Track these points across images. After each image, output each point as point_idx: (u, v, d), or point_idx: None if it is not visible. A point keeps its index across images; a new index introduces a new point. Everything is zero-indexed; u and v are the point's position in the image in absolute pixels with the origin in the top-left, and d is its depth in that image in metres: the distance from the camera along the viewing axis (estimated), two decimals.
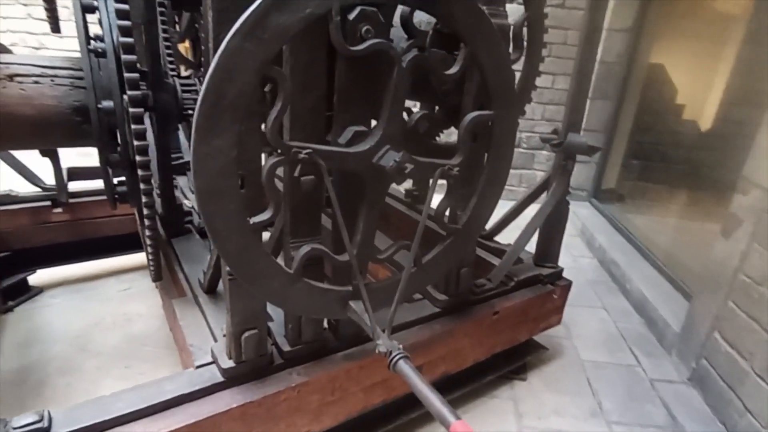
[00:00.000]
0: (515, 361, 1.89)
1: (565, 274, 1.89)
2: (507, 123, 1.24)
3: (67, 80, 1.40)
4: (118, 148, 1.39)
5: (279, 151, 0.91)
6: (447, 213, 1.32)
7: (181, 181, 2.24)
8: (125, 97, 1.22)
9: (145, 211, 1.21)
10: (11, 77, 1.33)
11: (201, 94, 0.80)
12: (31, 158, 1.92)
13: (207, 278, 1.41)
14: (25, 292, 2.27)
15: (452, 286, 1.50)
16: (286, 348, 1.22)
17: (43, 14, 3.75)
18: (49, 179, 2.25)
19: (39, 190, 2.26)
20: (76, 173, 2.15)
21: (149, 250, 1.31)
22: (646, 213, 3.36)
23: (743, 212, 1.78)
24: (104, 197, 2.32)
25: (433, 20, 1.25)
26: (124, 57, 1.05)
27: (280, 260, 1.06)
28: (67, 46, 3.89)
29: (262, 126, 0.95)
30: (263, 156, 1.02)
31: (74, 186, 2.23)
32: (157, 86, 1.50)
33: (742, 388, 1.68)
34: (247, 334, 1.11)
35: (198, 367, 1.18)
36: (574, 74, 1.63)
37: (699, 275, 2.07)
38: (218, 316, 1.35)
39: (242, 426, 1.13)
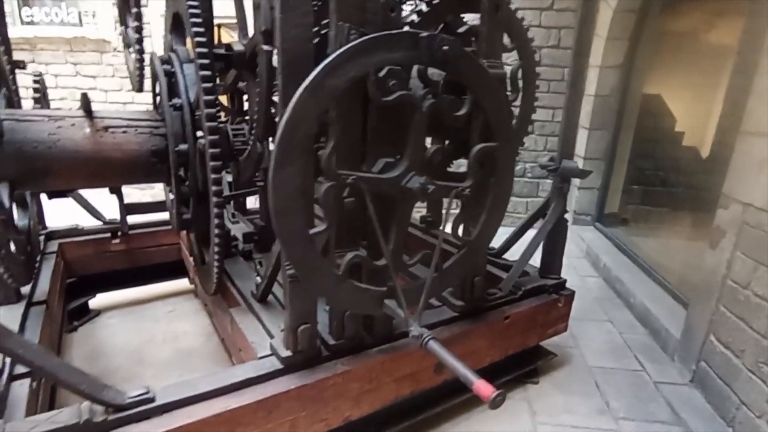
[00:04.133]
0: (527, 365, 2.09)
1: None
2: (507, 152, 1.52)
3: (147, 129, 1.73)
4: (187, 183, 1.70)
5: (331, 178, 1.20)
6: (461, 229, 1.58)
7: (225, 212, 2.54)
8: (200, 141, 1.53)
9: (216, 231, 1.49)
10: (106, 128, 1.67)
11: (278, 134, 1.10)
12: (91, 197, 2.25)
13: (261, 289, 1.67)
14: (86, 314, 2.55)
15: (467, 293, 1.74)
16: (331, 342, 1.46)
17: (90, 72, 4.22)
18: (108, 214, 2.58)
19: (100, 223, 2.58)
20: (134, 208, 2.48)
21: (216, 266, 1.58)
22: (647, 234, 3.57)
23: (725, 225, 2.01)
24: (155, 229, 2.66)
25: (443, 72, 1.56)
26: (206, 110, 1.36)
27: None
28: (111, 99, 4.36)
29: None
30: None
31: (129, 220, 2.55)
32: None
33: (736, 383, 1.86)
34: (302, 327, 1.37)
35: (260, 357, 1.43)
36: (564, 109, 1.93)
37: (694, 286, 2.27)
38: (272, 319, 1.60)
39: (298, 405, 1.37)
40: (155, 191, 4.53)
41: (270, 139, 1.74)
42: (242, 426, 1.29)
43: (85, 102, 1.52)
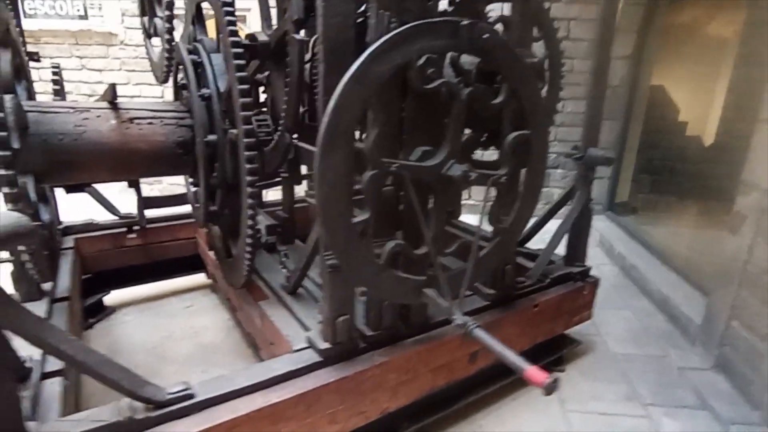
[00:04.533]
0: (553, 353, 2.10)
1: None
2: (541, 140, 1.51)
3: (173, 120, 1.71)
4: (215, 174, 1.67)
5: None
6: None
7: None
8: (230, 131, 1.51)
9: (249, 222, 1.47)
10: (131, 120, 1.64)
11: (324, 122, 1.08)
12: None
13: (293, 281, 1.65)
14: (101, 311, 2.52)
15: (498, 281, 1.73)
16: (368, 333, 1.45)
17: (96, 65, 4.16)
18: (123, 209, 2.55)
19: (115, 218, 2.55)
20: (151, 201, 2.45)
21: (247, 259, 1.56)
22: (659, 222, 3.59)
23: (745, 211, 2.02)
24: (171, 223, 2.63)
25: (475, 61, 1.54)
26: (241, 100, 1.33)
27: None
28: (118, 93, 4.30)
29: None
30: None
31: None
32: None
33: (761, 367, 1.87)
34: (340, 319, 1.35)
35: (296, 350, 1.42)
36: (588, 97, 1.91)
37: (714, 272, 2.27)
38: (305, 312, 1.59)
39: (337, 398, 1.36)
40: (163, 185, 4.49)
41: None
42: (283, 421, 1.28)
43: (113, 92, 1.49)
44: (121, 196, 2.43)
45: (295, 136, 1.70)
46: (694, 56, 3.69)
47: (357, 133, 1.25)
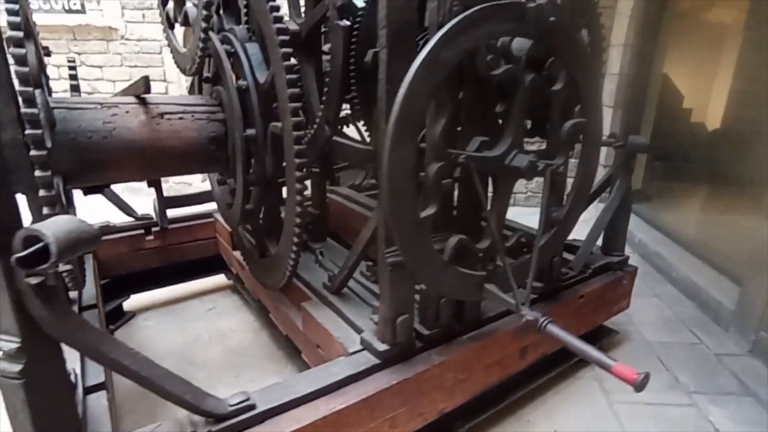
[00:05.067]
0: (594, 344, 2.06)
1: None
2: (595, 128, 1.46)
3: (204, 115, 1.62)
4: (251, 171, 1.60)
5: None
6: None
7: None
8: (274, 124, 1.44)
9: (297, 221, 1.40)
10: (161, 115, 1.55)
11: (395, 112, 1.01)
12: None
13: (338, 281, 1.59)
14: (121, 317, 2.43)
15: (546, 274, 1.69)
16: (425, 332, 1.40)
17: (96, 62, 4.02)
18: (140, 210, 2.46)
19: (131, 220, 2.45)
20: (171, 201, 2.36)
21: (292, 258, 1.49)
22: (675, 209, 3.57)
23: None
24: (190, 223, 2.54)
25: (524, 48, 1.48)
26: (290, 91, 1.26)
27: None
28: (119, 89, 4.17)
29: None
30: None
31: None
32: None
33: None
34: (400, 318, 1.30)
35: (351, 353, 1.36)
36: (629, 84, 1.86)
37: (746, 258, 2.25)
38: (354, 312, 1.52)
39: (399, 400, 1.31)
40: (168, 185, 4.37)
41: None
42: (347, 427, 1.22)
43: (146, 84, 1.40)
44: (124, 197, 2.33)
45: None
46: (701, 43, 3.67)
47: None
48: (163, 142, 1.54)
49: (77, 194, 1.82)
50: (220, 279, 2.79)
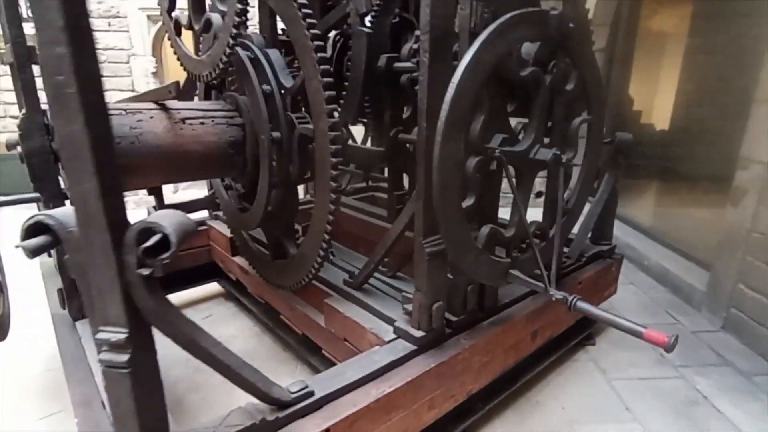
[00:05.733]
0: (584, 330, 2.22)
1: None
2: (599, 124, 1.61)
3: (223, 120, 1.64)
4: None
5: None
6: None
7: None
8: (303, 126, 1.49)
9: (330, 218, 1.45)
10: (183, 120, 1.56)
11: (445, 110, 1.10)
12: None
13: (361, 277, 1.65)
14: None
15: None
16: (453, 319, 1.48)
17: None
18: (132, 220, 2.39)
19: None
20: (168, 209, 2.32)
21: (321, 255, 1.54)
22: (637, 204, 3.86)
23: (746, 184, 2.25)
24: None
25: (531, 51, 1.61)
26: (327, 93, 1.32)
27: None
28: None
29: None
30: None
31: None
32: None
33: None
34: (436, 305, 1.38)
35: (388, 342, 1.42)
36: (615, 86, 2.05)
37: (713, 243, 2.50)
38: (381, 304, 1.59)
39: (436, 383, 1.38)
40: (139, 197, 4.25)
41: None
42: (395, 409, 1.28)
43: (177, 89, 1.42)
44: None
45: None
46: (646, 50, 4.01)
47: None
48: (186, 147, 1.55)
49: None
50: (212, 287, 2.75)
